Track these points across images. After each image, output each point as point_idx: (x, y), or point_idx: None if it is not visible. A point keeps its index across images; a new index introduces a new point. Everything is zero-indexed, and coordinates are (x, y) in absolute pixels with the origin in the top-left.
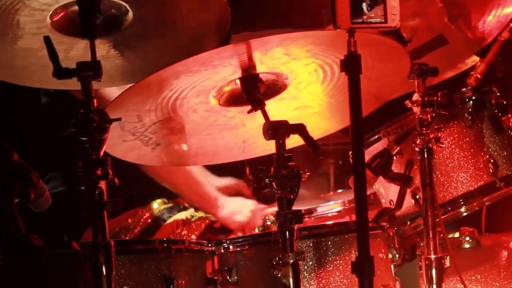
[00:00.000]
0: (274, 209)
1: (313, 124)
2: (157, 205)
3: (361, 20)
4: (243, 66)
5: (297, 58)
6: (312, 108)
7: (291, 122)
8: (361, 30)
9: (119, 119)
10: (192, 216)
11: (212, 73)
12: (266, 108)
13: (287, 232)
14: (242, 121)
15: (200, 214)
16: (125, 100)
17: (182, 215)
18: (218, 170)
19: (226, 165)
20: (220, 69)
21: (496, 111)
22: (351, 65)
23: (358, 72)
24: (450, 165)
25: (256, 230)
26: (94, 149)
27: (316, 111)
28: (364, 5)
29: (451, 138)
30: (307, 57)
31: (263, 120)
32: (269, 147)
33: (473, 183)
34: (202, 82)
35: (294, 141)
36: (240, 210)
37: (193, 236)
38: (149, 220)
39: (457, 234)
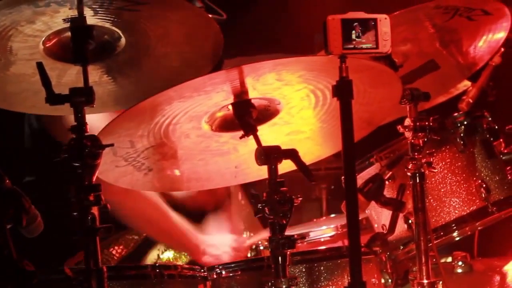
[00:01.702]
0: (257, 238)
1: (305, 149)
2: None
3: (352, 46)
4: (235, 91)
5: (289, 83)
6: (304, 133)
7: (283, 147)
8: (352, 56)
9: (112, 144)
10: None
11: (204, 99)
12: (259, 133)
13: (279, 257)
14: (234, 147)
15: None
16: (117, 126)
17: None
18: None
19: None
20: (212, 95)
21: (488, 136)
22: (343, 91)
23: (350, 97)
24: (442, 190)
25: (249, 255)
26: (86, 174)
27: (308, 136)
28: (355, 31)
29: (443, 163)
30: (299, 82)
31: (255, 146)
32: (262, 172)
33: (465, 208)
34: (194, 107)
35: (286, 166)
36: (223, 249)
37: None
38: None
39: (449, 259)
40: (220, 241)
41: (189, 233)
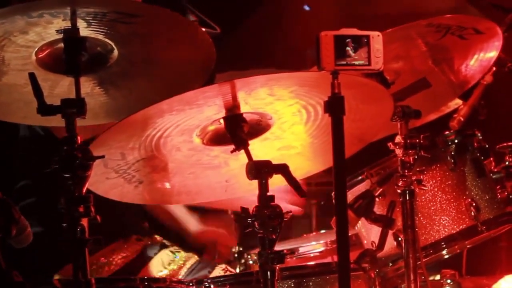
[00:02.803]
0: None
1: (296, 164)
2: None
3: (345, 62)
4: (227, 105)
5: (281, 98)
6: (296, 149)
7: (274, 162)
8: (345, 72)
9: (103, 156)
10: (175, 253)
11: (196, 112)
12: (250, 147)
13: (268, 272)
14: (225, 161)
15: (183, 252)
16: (109, 138)
17: (166, 252)
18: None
19: None
20: (204, 108)
21: (478, 154)
22: (334, 107)
23: (342, 113)
24: (432, 208)
25: (237, 270)
26: (77, 186)
27: (299, 151)
28: (348, 48)
29: (434, 181)
30: (291, 97)
31: (246, 160)
32: (252, 187)
33: (455, 226)
34: (186, 121)
35: (277, 181)
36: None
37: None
38: (129, 257)
39: (438, 277)
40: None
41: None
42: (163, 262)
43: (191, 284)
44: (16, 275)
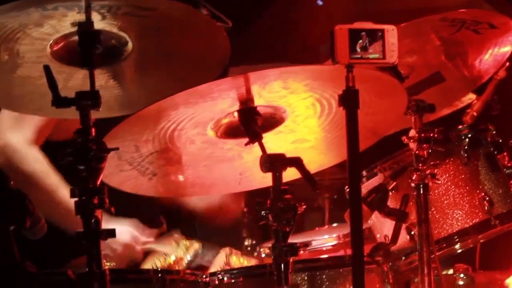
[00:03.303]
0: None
1: (310, 158)
2: None
3: (359, 56)
4: (241, 98)
5: (295, 92)
6: (309, 142)
7: (288, 155)
8: (359, 66)
9: (117, 148)
10: (178, 242)
11: (210, 105)
12: (264, 141)
13: (282, 265)
14: (239, 153)
15: (185, 242)
16: (123, 130)
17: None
18: None
19: None
20: (218, 101)
21: (491, 149)
22: (349, 100)
23: (356, 107)
24: (445, 202)
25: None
26: (91, 177)
27: (312, 145)
28: (362, 41)
29: (447, 175)
30: (305, 91)
31: (260, 153)
32: (266, 179)
33: (468, 220)
34: (200, 113)
35: (290, 174)
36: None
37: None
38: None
39: (451, 271)
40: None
41: None
42: (166, 251)
43: (204, 276)
44: (30, 266)
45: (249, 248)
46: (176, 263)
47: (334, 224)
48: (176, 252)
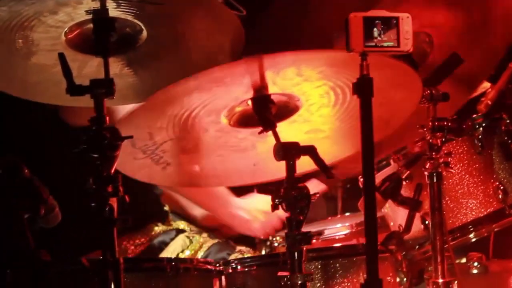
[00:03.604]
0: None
1: (324, 149)
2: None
3: (374, 44)
4: (255, 86)
5: (309, 79)
6: (324, 132)
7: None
8: (374, 54)
9: (131, 136)
10: (191, 239)
11: (224, 92)
12: (278, 130)
13: (295, 253)
14: (252, 144)
15: (198, 237)
16: (137, 117)
17: (182, 237)
18: None
19: None
20: (232, 88)
21: (506, 138)
22: (363, 88)
23: (370, 95)
24: (459, 191)
25: (263, 252)
26: (105, 166)
27: (327, 135)
28: (377, 29)
29: (461, 164)
30: (319, 78)
31: (274, 143)
32: (280, 171)
33: (482, 210)
34: (213, 100)
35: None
36: (253, 214)
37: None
38: (145, 243)
39: (464, 260)
40: (251, 205)
41: (218, 193)
42: (179, 247)
43: (218, 265)
44: (45, 254)
45: (262, 237)
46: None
47: (347, 213)
48: (190, 248)
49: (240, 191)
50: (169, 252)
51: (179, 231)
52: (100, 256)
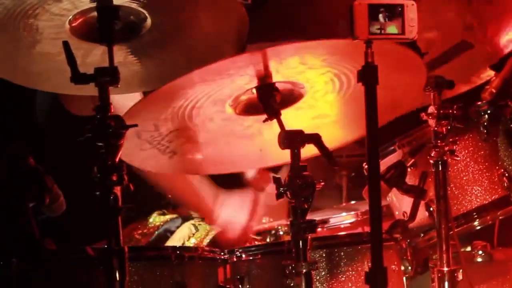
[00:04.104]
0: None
1: (331, 133)
2: (154, 218)
3: (378, 31)
4: (259, 75)
5: (313, 67)
6: (330, 117)
7: (308, 131)
8: (378, 41)
9: (135, 125)
10: (197, 226)
11: (228, 82)
12: (284, 117)
13: (300, 242)
14: (259, 130)
15: (204, 224)
16: (141, 109)
17: (187, 225)
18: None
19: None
20: (236, 78)
21: (511, 125)
22: (368, 76)
23: (375, 83)
24: (464, 178)
25: (268, 240)
26: (109, 154)
27: (334, 119)
28: (381, 16)
29: (466, 152)
30: (322, 66)
31: (279, 129)
32: (286, 155)
33: (487, 197)
34: (218, 91)
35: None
36: (232, 225)
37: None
38: (151, 232)
39: (469, 248)
40: (233, 217)
41: (206, 197)
42: (185, 235)
43: (222, 253)
44: (49, 243)
45: (266, 226)
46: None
47: (352, 202)
48: (196, 236)
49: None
50: (175, 240)
51: (185, 219)
52: (104, 245)
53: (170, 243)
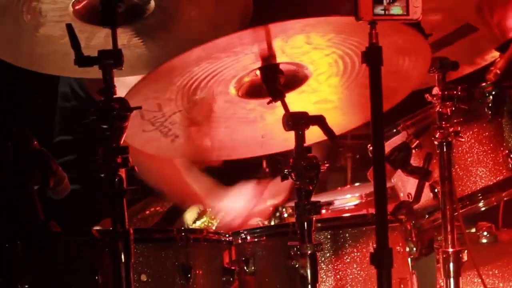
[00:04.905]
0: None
1: (333, 119)
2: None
3: (383, 12)
4: (263, 55)
5: (318, 47)
6: (332, 103)
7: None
8: (383, 22)
9: (140, 107)
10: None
11: (232, 61)
12: (286, 101)
13: (305, 223)
14: (261, 115)
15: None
16: (146, 87)
17: (198, 206)
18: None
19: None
20: (241, 57)
21: None
22: (372, 57)
23: (380, 64)
24: (469, 160)
25: (273, 222)
26: (114, 137)
27: (335, 105)
28: None
29: (471, 133)
30: (328, 46)
31: (282, 114)
32: (288, 142)
33: (492, 178)
34: (222, 70)
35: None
36: (232, 216)
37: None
38: (162, 211)
39: (473, 229)
40: (231, 207)
41: (201, 195)
42: (195, 215)
43: (227, 235)
44: (54, 226)
45: (270, 209)
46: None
47: (357, 184)
48: (201, 222)
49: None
50: (185, 220)
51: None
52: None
53: (180, 222)
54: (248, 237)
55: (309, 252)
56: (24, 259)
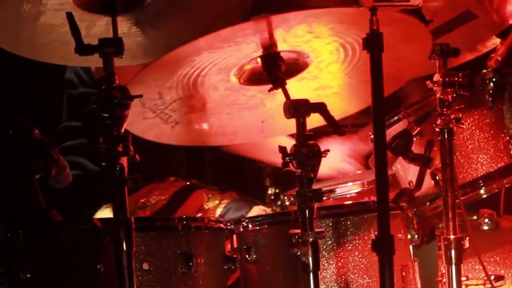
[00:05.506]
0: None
1: (332, 105)
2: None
3: None
4: (264, 43)
5: (320, 36)
6: (332, 89)
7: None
8: (383, 8)
9: (141, 95)
10: (210, 194)
11: (234, 51)
12: (287, 88)
13: (306, 211)
14: (261, 101)
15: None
16: (147, 76)
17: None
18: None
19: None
20: (242, 46)
21: None
22: (373, 43)
23: (380, 50)
24: (470, 147)
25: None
26: (115, 125)
27: (335, 91)
28: None
29: (472, 120)
30: (329, 35)
31: (282, 100)
32: (288, 127)
33: (493, 165)
34: (223, 59)
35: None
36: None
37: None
38: (166, 198)
39: (475, 216)
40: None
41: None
42: (199, 202)
43: (229, 224)
44: (56, 214)
45: (272, 197)
46: (210, 212)
47: (358, 171)
48: (209, 202)
49: None
50: (189, 206)
51: (198, 187)
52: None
53: (185, 210)
54: (250, 225)
55: (310, 240)
56: (26, 248)
